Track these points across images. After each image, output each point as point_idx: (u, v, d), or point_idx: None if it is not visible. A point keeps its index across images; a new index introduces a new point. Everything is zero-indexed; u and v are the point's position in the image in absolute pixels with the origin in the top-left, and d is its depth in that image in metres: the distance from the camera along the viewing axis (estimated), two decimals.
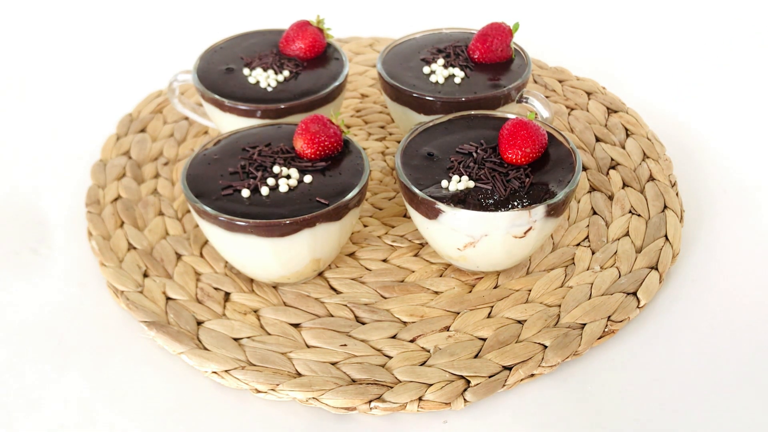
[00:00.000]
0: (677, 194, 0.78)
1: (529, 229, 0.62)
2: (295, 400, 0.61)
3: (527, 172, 0.64)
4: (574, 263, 0.71)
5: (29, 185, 0.84)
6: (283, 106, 0.75)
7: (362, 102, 0.93)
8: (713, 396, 0.61)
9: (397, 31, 0.92)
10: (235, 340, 0.64)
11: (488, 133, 0.69)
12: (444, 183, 0.64)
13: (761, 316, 0.67)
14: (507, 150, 0.65)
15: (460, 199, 0.63)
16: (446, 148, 0.68)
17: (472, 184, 0.64)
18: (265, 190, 0.64)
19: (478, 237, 0.63)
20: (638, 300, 0.67)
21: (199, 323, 0.66)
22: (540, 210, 0.62)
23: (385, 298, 0.68)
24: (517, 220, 0.62)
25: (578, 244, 0.73)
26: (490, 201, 0.62)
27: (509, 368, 0.62)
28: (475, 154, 0.66)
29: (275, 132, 0.71)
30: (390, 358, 0.63)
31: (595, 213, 0.76)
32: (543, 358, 0.62)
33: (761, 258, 0.73)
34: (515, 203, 0.62)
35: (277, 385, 0.61)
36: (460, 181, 0.64)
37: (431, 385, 0.60)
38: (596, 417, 0.60)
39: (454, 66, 0.78)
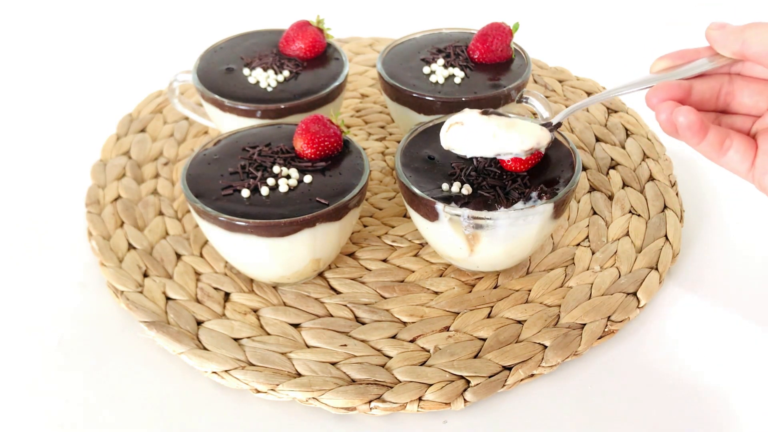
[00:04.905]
0: (677, 194, 0.78)
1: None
2: (295, 400, 0.61)
3: (525, 181, 0.64)
4: (574, 263, 0.71)
5: (29, 185, 0.84)
6: (283, 106, 0.75)
7: (362, 102, 0.93)
8: (713, 396, 0.61)
9: (397, 31, 0.92)
10: (235, 340, 0.64)
11: None
12: (445, 186, 0.64)
13: (761, 316, 0.67)
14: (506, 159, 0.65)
15: (461, 200, 0.63)
16: (446, 151, 0.67)
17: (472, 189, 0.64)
18: (265, 190, 0.64)
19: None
20: (638, 300, 0.67)
21: (199, 323, 0.66)
22: (541, 209, 0.62)
23: (385, 298, 0.68)
24: (518, 220, 0.62)
25: (578, 244, 0.73)
26: (491, 203, 0.62)
27: (509, 368, 0.62)
28: (475, 161, 0.66)
29: (275, 132, 0.71)
30: (390, 358, 0.63)
31: (595, 213, 0.76)
32: (543, 358, 0.62)
33: (761, 258, 0.73)
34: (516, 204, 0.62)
35: (277, 385, 0.61)
36: (462, 187, 0.64)
37: (431, 385, 0.60)
38: (596, 417, 0.60)
39: (454, 66, 0.78)
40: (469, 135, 0.62)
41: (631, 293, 0.67)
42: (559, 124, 0.65)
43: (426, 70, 0.78)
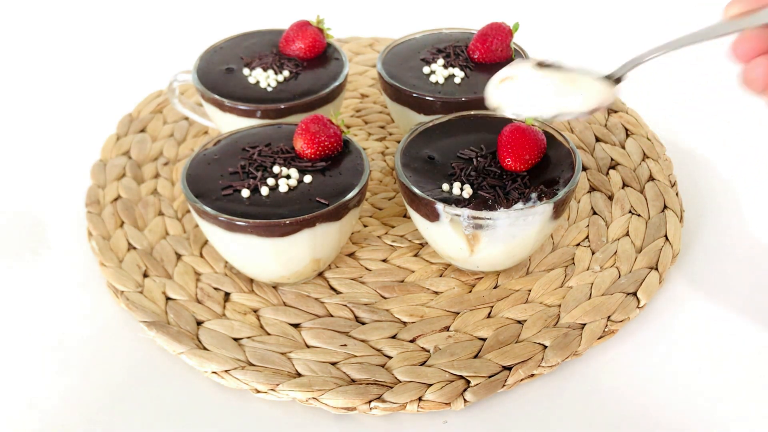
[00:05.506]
0: (677, 194, 0.78)
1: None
2: (295, 400, 0.61)
3: (525, 181, 0.64)
4: (574, 263, 0.71)
5: (29, 185, 0.84)
6: (283, 106, 0.75)
7: (362, 102, 0.93)
8: (713, 396, 0.61)
9: (397, 31, 0.92)
10: (235, 340, 0.64)
11: (488, 134, 0.69)
12: (445, 186, 0.64)
13: (761, 316, 0.67)
14: (505, 158, 0.65)
15: (461, 201, 0.63)
16: (446, 151, 0.68)
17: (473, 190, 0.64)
18: (265, 190, 0.64)
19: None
20: (638, 300, 0.67)
21: (199, 323, 0.66)
22: (541, 210, 0.62)
23: (385, 298, 0.68)
24: (518, 220, 0.62)
25: (578, 244, 0.73)
26: (491, 203, 0.62)
27: (509, 368, 0.62)
28: (475, 162, 0.66)
29: (275, 132, 0.71)
30: (390, 358, 0.63)
31: (595, 213, 0.76)
32: (543, 358, 0.62)
33: (761, 258, 0.73)
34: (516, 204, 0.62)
35: (277, 385, 0.61)
36: (462, 188, 0.64)
37: (431, 385, 0.60)
38: (596, 417, 0.60)
39: (454, 66, 0.78)
40: (523, 92, 0.56)
41: (631, 293, 0.67)
42: (620, 78, 0.57)
43: (426, 70, 0.78)
